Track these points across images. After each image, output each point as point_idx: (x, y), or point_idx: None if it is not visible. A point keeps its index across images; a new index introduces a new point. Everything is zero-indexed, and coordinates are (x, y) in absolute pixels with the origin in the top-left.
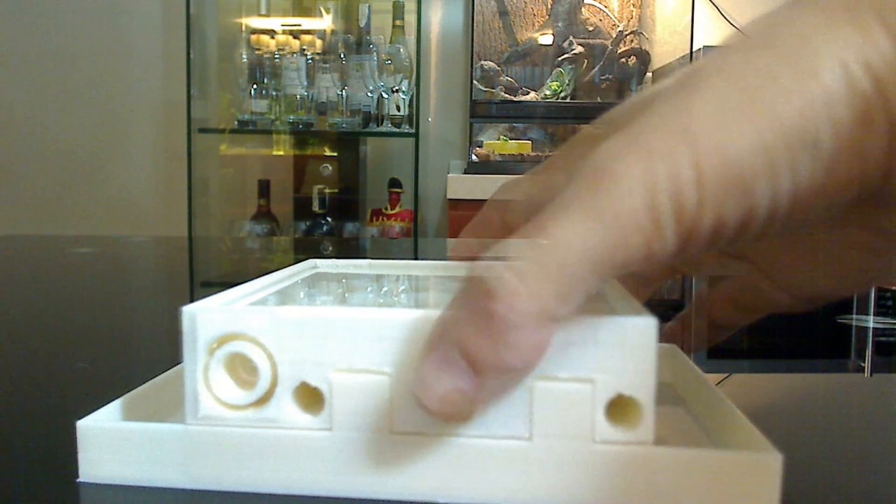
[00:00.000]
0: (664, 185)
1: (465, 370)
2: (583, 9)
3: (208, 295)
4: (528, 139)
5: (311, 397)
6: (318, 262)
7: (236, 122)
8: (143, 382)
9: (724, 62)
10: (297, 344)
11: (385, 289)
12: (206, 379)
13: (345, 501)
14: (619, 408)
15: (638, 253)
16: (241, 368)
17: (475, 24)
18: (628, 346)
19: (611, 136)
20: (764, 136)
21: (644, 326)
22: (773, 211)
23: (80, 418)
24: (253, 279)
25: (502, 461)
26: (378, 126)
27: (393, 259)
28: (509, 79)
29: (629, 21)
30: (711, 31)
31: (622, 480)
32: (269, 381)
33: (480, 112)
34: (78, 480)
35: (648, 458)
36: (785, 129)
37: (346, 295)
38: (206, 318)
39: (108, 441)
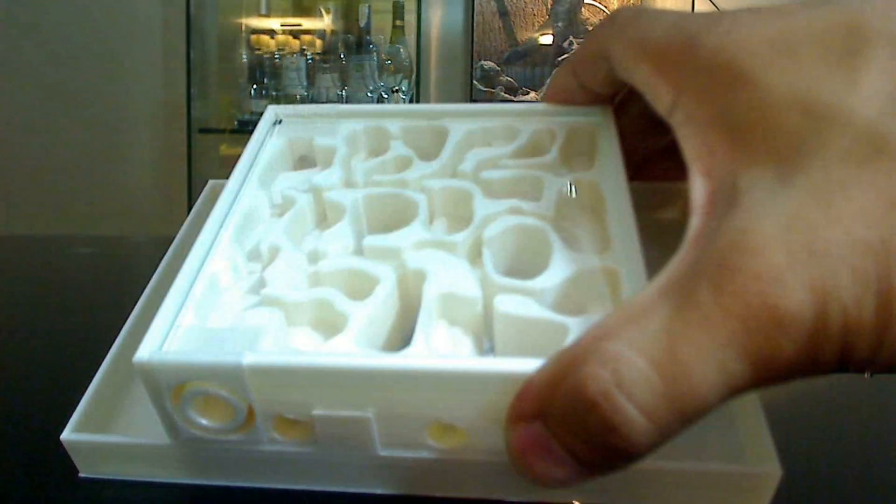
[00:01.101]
0: (837, 334)
1: (572, 463)
2: (583, 9)
3: None
4: None
5: (292, 422)
6: (279, 111)
7: (236, 123)
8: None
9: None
10: (269, 389)
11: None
12: (179, 412)
13: (330, 495)
14: None
15: (778, 382)
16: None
17: (475, 24)
18: None
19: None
20: None
21: None
22: None
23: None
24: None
25: (487, 477)
26: None
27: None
28: (509, 79)
29: None
30: None
31: (608, 494)
32: (245, 416)
33: None
34: (80, 475)
35: (642, 474)
36: None
37: (319, 242)
38: (161, 371)
39: (96, 452)
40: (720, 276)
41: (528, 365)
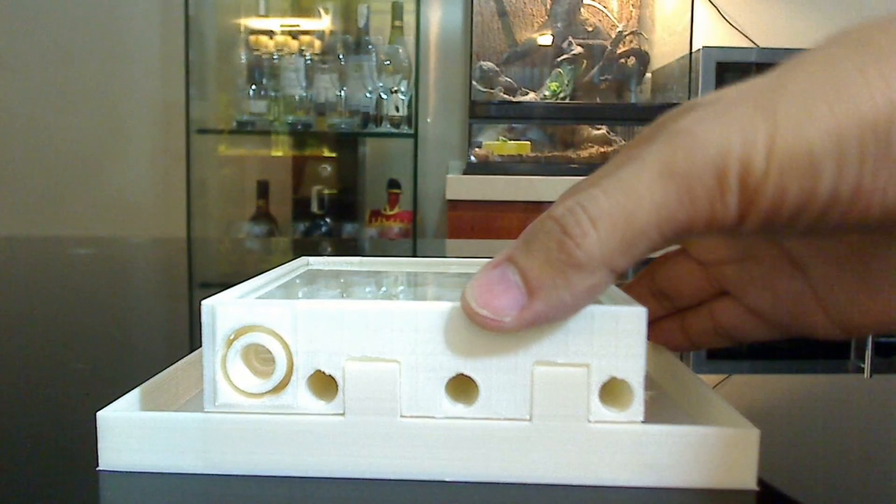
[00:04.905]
0: (736, 149)
1: (520, 291)
2: (582, 9)
3: (207, 296)
4: (528, 140)
5: (324, 384)
6: (310, 259)
7: (235, 123)
8: (142, 382)
9: (822, 52)
10: (313, 335)
11: (381, 283)
12: (224, 369)
13: (357, 482)
14: (612, 390)
15: (701, 214)
16: (257, 359)
17: (474, 25)
18: (621, 334)
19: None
20: (840, 123)
21: (635, 315)
22: (834, 199)
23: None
24: (251, 278)
25: (505, 441)
26: (377, 127)
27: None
28: (508, 79)
29: (628, 21)
30: (711, 32)
31: (614, 456)
32: (285, 370)
33: (479, 112)
34: (98, 469)
35: (638, 436)
36: (861, 121)
37: (346, 290)
38: (225, 310)
39: (128, 430)
40: (657, 136)
41: None
